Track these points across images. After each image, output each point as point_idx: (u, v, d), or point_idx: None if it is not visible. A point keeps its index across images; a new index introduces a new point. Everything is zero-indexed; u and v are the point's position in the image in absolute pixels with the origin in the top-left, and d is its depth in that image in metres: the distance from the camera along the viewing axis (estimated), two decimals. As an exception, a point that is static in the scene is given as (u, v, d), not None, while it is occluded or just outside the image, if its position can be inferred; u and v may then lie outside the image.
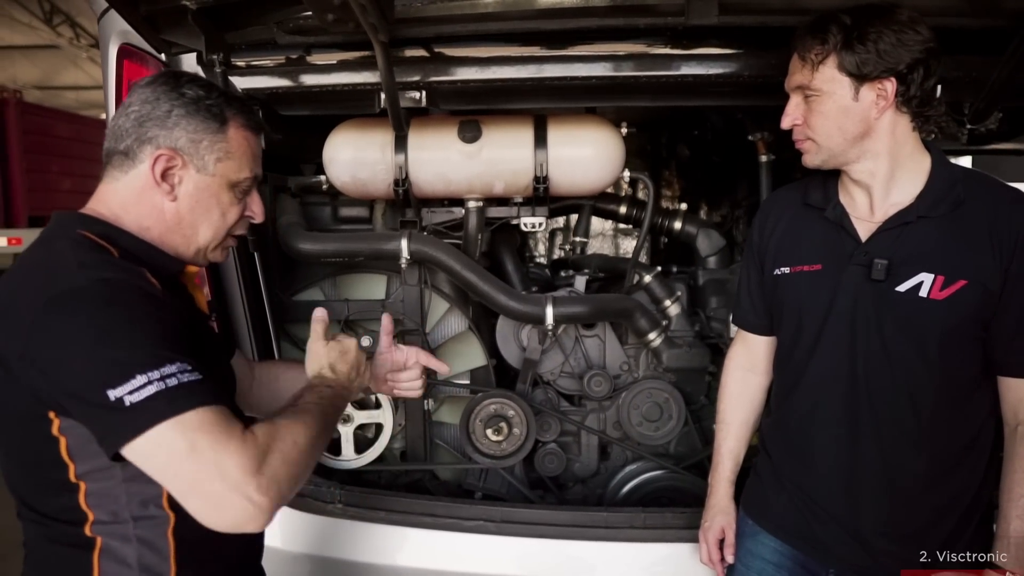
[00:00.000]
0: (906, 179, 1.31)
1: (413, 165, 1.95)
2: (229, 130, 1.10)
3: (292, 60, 1.72)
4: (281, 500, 0.92)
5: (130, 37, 1.71)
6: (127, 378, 0.85)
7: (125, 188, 1.08)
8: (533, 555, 1.79)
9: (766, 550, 1.47)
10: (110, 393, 0.85)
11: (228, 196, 1.13)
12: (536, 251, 3.26)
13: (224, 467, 0.87)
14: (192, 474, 0.87)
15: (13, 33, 13.38)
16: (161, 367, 0.87)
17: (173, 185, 1.08)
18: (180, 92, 1.07)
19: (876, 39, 1.20)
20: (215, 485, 0.87)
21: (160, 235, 1.09)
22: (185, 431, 0.86)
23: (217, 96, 1.11)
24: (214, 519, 0.89)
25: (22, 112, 6.85)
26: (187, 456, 0.86)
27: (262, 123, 1.22)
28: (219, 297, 1.84)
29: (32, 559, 1.07)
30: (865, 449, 1.33)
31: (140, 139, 1.06)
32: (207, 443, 0.87)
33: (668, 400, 2.12)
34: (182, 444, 0.86)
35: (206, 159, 1.09)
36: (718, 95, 1.78)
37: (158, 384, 0.86)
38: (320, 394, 1.16)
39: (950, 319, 1.25)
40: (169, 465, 0.88)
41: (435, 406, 2.25)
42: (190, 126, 1.07)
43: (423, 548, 1.80)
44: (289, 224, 2.04)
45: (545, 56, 1.65)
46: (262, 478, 0.89)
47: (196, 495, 0.89)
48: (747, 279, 1.57)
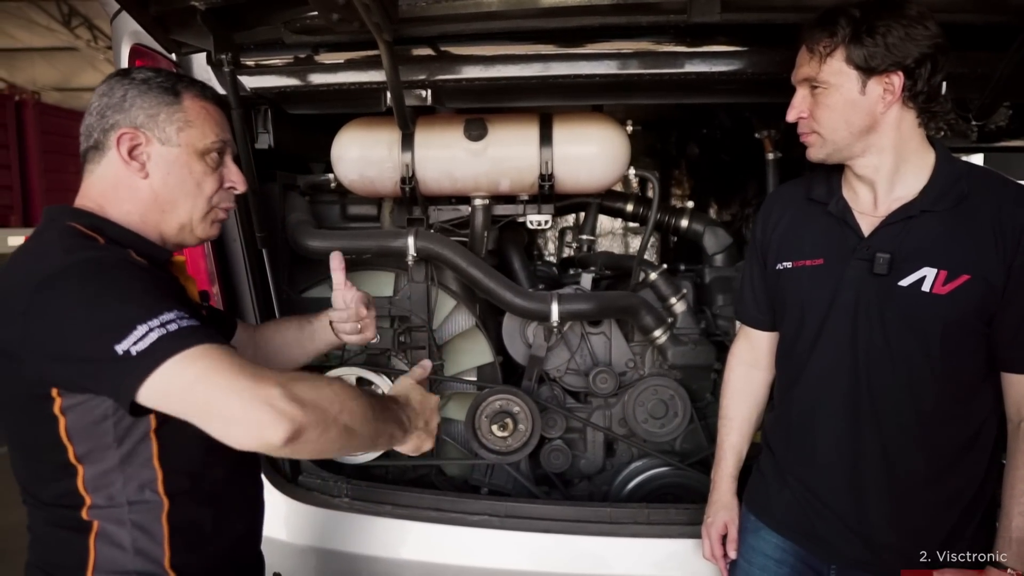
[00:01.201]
0: (911, 174, 1.31)
1: (419, 163, 1.97)
2: (184, 101, 1.12)
3: (300, 59, 1.75)
4: (303, 419, 0.90)
5: (141, 37, 1.73)
6: (129, 330, 0.88)
7: (101, 178, 1.11)
8: (537, 550, 1.80)
9: (768, 546, 1.48)
10: (117, 348, 0.88)
11: (200, 166, 1.14)
12: (546, 250, 3.28)
13: (237, 384, 0.89)
14: (206, 397, 0.89)
15: (32, 35, 13.55)
16: (160, 315, 0.90)
17: (143, 163, 1.10)
18: (131, 78, 1.12)
19: (885, 32, 1.20)
20: (231, 402, 0.88)
21: (142, 217, 1.12)
22: (193, 361, 0.89)
23: (167, 75, 1.14)
24: (236, 435, 0.90)
25: (40, 113, 6.96)
26: (198, 381, 0.89)
27: (219, 95, 1.26)
28: (229, 291, 1.87)
29: (34, 542, 1.10)
30: (866, 444, 1.33)
31: (104, 128, 1.10)
32: (216, 368, 0.89)
33: (673, 397, 2.13)
34: (191, 374, 0.88)
35: (167, 131, 1.11)
36: (722, 92, 1.79)
37: (159, 330, 0.89)
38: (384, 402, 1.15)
39: (953, 314, 1.25)
40: (185, 396, 0.90)
41: (442, 402, 2.27)
42: (145, 103, 1.10)
43: (428, 542, 1.82)
44: (298, 222, 2.06)
45: (549, 54, 1.66)
46: (283, 389, 0.90)
47: (215, 417, 0.90)
48: (750, 274, 1.57)
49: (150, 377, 0.88)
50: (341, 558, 1.84)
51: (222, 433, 0.90)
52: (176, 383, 0.89)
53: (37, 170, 6.89)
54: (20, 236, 5.82)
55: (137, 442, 1.03)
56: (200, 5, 1.47)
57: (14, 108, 6.77)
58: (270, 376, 0.91)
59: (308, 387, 0.94)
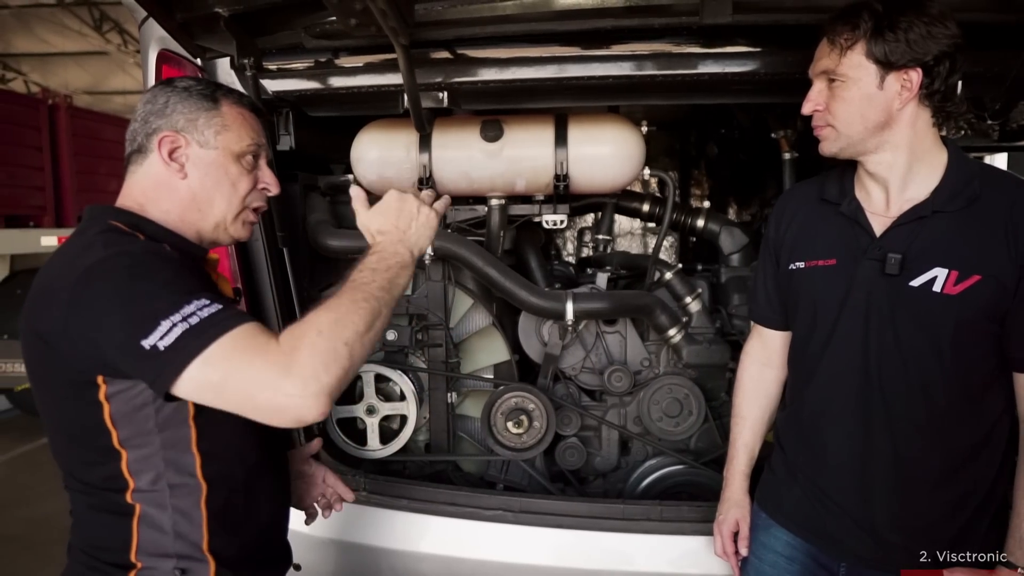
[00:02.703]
0: (923, 174, 1.31)
1: (437, 164, 2.00)
2: (222, 107, 1.19)
3: (320, 63, 1.79)
4: (327, 385, 0.95)
5: (168, 43, 1.79)
6: (154, 326, 0.93)
7: (143, 178, 1.17)
8: (551, 545, 1.82)
9: (779, 543, 1.48)
10: (144, 343, 0.93)
11: (236, 168, 1.19)
12: (565, 249, 3.30)
13: (257, 383, 0.93)
14: (237, 395, 0.95)
15: (65, 40, 13.88)
16: (181, 309, 0.94)
17: (182, 164, 1.16)
18: (173, 86, 1.19)
19: (907, 29, 1.21)
20: (260, 397, 0.93)
21: (180, 215, 1.17)
22: (215, 364, 0.93)
23: (207, 84, 1.21)
24: (276, 421, 0.96)
25: (72, 116, 7.10)
26: (224, 385, 0.94)
27: (255, 102, 1.29)
28: (251, 289, 1.92)
29: (76, 525, 1.15)
30: (877, 443, 1.33)
31: (147, 133, 1.16)
32: (234, 368, 0.93)
33: (688, 396, 2.14)
34: (215, 376, 0.93)
35: (206, 134, 1.17)
36: (736, 93, 1.80)
37: (182, 325, 0.93)
38: (362, 266, 1.13)
39: (964, 314, 1.25)
40: (216, 396, 0.96)
41: (459, 400, 2.30)
42: (185, 109, 1.16)
43: (444, 536, 1.85)
44: (318, 222, 2.11)
45: (563, 56, 1.68)
46: (295, 379, 0.93)
47: (250, 410, 0.95)
48: (763, 274, 1.58)
49: (179, 379, 0.93)
50: (359, 550, 1.88)
51: (263, 420, 0.96)
52: (205, 386, 0.94)
53: (69, 172, 7.03)
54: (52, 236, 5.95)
55: (177, 427, 1.09)
56: (223, 11, 1.52)
57: (47, 111, 6.92)
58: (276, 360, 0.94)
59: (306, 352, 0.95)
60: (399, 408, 2.16)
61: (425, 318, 2.20)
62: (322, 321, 0.99)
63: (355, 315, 1.02)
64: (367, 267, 1.12)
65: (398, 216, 1.21)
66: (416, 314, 2.21)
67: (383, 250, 1.16)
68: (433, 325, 2.20)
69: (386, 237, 1.19)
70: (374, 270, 1.11)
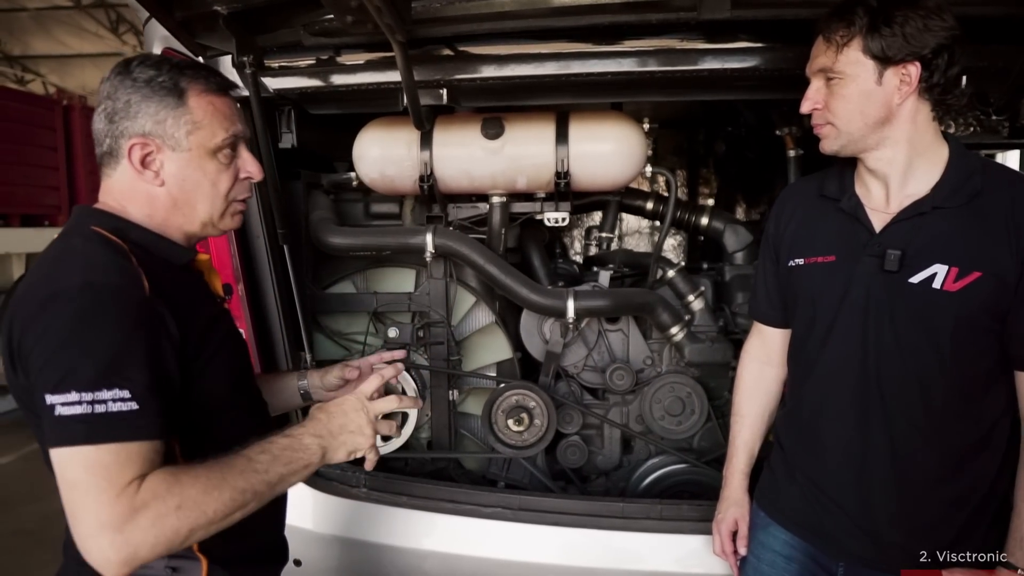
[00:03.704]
0: (923, 169, 1.29)
1: (438, 161, 2.00)
2: (189, 100, 1.09)
3: (321, 61, 1.79)
4: (137, 561, 0.91)
5: (171, 42, 1.79)
6: (65, 390, 0.90)
7: (118, 183, 1.12)
8: (550, 542, 1.82)
9: (777, 542, 1.47)
10: (48, 398, 0.91)
11: (213, 165, 1.13)
12: (572, 247, 3.30)
13: (85, 515, 0.90)
14: (69, 506, 0.92)
15: (83, 42, 14.05)
16: (96, 390, 0.91)
17: (156, 171, 1.10)
18: (132, 79, 1.08)
19: (903, 22, 1.19)
20: (78, 526, 0.91)
21: (163, 219, 1.13)
22: (80, 465, 0.90)
23: (168, 70, 1.09)
24: (83, 550, 0.92)
25: (86, 116, 7.19)
26: (72, 488, 0.91)
27: (225, 81, 1.17)
28: (253, 287, 1.93)
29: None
30: (875, 441, 1.32)
31: (114, 135, 1.09)
32: (87, 485, 0.90)
33: (690, 395, 2.13)
34: (71, 475, 0.91)
35: (176, 136, 1.09)
36: (737, 89, 1.79)
37: (86, 407, 0.90)
38: (270, 444, 1.08)
39: (963, 311, 1.23)
40: (62, 487, 0.92)
41: (461, 397, 2.30)
42: (150, 109, 1.07)
43: (443, 533, 1.85)
44: (320, 219, 2.12)
45: (561, 53, 1.68)
46: (118, 536, 0.89)
47: (71, 523, 0.92)
48: (763, 271, 1.57)
49: (54, 450, 0.91)
50: (359, 546, 1.89)
51: (75, 537, 0.92)
52: (63, 472, 0.91)
53: (84, 171, 7.13)
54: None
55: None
56: (222, 9, 1.53)
57: (62, 112, 7.03)
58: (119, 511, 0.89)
59: (150, 519, 0.91)
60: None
61: (427, 315, 2.20)
62: (190, 494, 0.94)
63: (224, 502, 0.97)
64: (273, 449, 1.07)
65: (340, 418, 1.17)
66: (418, 312, 2.21)
67: (299, 438, 1.11)
68: (435, 323, 2.20)
69: (313, 426, 1.14)
70: (275, 458, 1.06)
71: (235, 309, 1.87)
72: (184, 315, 1.05)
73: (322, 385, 1.51)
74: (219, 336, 1.15)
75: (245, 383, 1.27)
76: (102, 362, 0.92)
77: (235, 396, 1.19)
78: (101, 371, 0.92)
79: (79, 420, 0.90)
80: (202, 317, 1.11)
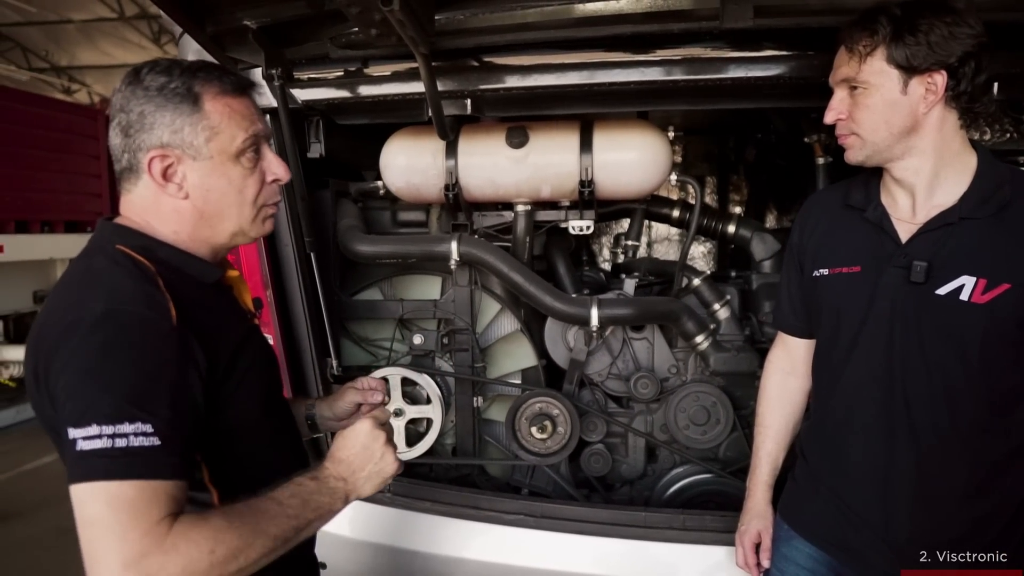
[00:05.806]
0: (951, 179, 1.27)
1: (463, 170, 2.02)
2: (205, 105, 1.05)
3: (348, 72, 1.83)
4: None
5: (204, 55, 1.84)
6: (87, 424, 0.86)
7: (141, 199, 1.08)
8: (573, 551, 1.82)
9: (801, 555, 1.45)
10: (70, 431, 0.87)
11: (237, 170, 1.08)
12: (600, 255, 3.29)
13: (107, 554, 0.84)
14: (88, 545, 0.86)
15: (126, 53, 14.44)
16: (118, 423, 0.87)
17: (179, 183, 1.06)
18: (144, 87, 1.04)
19: (927, 31, 1.18)
20: (97, 567, 0.85)
21: (191, 234, 1.09)
22: (102, 501, 0.85)
23: (180, 75, 1.04)
24: None
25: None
26: (91, 525, 0.86)
27: (240, 79, 1.12)
28: (281, 295, 1.97)
29: None
30: (900, 455, 1.30)
31: (132, 149, 1.05)
32: (109, 522, 0.85)
33: (716, 404, 2.11)
34: (91, 512, 0.86)
35: (195, 144, 1.04)
36: (762, 97, 1.77)
37: (107, 440, 0.86)
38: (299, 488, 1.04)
39: (992, 323, 1.21)
40: (81, 524, 0.87)
41: (485, 404, 2.31)
42: (165, 118, 1.03)
43: (466, 539, 1.86)
44: (347, 227, 2.15)
45: (584, 63, 1.68)
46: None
47: (89, 565, 0.86)
48: (787, 281, 1.55)
49: (75, 485, 0.87)
50: (383, 551, 1.91)
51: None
52: (83, 508, 0.87)
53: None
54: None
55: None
56: (251, 24, 1.57)
57: (104, 121, 7.26)
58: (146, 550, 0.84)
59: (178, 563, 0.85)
60: (425, 411, 2.19)
61: (452, 322, 2.22)
62: (223, 539, 0.89)
63: (256, 549, 0.93)
64: (302, 495, 1.03)
65: (361, 452, 1.13)
66: (443, 319, 2.23)
67: (325, 481, 1.08)
68: (459, 330, 2.22)
69: (337, 467, 1.11)
70: (305, 502, 1.02)
71: (264, 316, 1.91)
72: (213, 339, 1.02)
73: (332, 415, 1.46)
74: (249, 356, 1.11)
75: (275, 402, 1.24)
76: (124, 395, 0.89)
77: (266, 416, 1.16)
78: (122, 404, 0.88)
79: (100, 455, 0.86)
80: (231, 339, 1.08)
